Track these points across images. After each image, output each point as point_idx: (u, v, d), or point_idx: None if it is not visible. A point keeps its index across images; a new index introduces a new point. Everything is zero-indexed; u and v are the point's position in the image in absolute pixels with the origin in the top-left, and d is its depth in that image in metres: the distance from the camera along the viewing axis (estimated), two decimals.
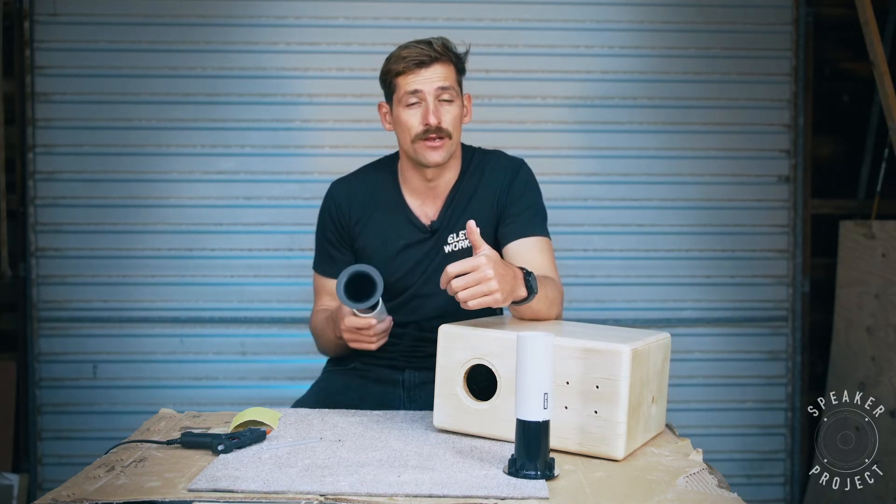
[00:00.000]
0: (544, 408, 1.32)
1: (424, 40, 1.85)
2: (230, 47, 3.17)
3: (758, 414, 3.32)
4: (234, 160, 3.19)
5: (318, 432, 1.58)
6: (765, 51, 3.26)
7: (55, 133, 3.16)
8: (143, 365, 3.18)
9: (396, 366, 1.96)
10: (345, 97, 3.19)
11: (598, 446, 1.42)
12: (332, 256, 1.97)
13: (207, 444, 1.45)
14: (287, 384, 3.15)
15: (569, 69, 3.23)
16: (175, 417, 1.71)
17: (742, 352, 3.30)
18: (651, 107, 3.25)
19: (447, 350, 1.55)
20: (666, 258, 3.27)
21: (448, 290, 1.51)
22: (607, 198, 3.26)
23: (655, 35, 3.25)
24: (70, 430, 3.19)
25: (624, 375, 1.40)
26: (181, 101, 3.17)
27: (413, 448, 1.48)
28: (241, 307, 3.20)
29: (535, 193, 1.94)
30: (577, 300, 3.16)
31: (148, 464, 1.39)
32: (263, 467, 1.36)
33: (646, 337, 1.51)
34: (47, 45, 3.14)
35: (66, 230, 3.17)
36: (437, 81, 1.83)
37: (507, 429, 1.43)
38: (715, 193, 3.27)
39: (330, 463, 1.39)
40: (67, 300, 3.18)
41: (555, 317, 1.74)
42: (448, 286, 1.51)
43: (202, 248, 3.19)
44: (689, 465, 1.42)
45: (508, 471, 1.34)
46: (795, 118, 3.27)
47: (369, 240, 1.92)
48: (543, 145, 3.21)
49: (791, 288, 3.31)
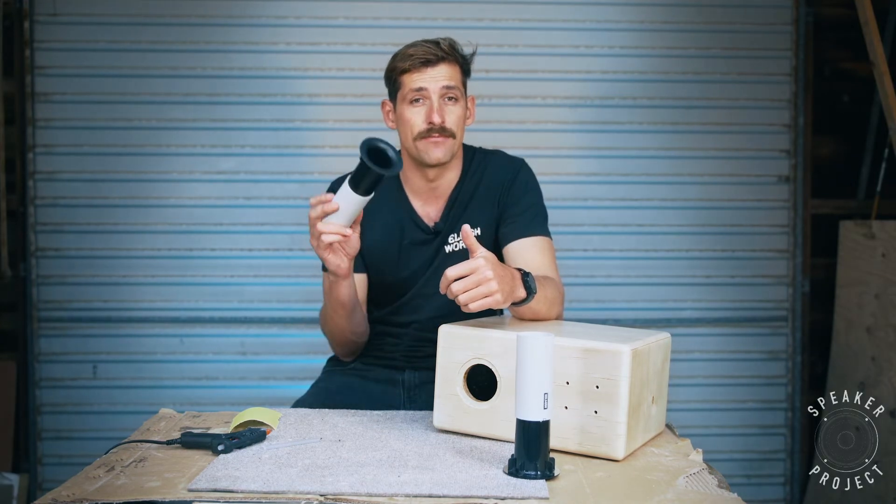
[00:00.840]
0: (544, 408, 1.31)
1: (432, 40, 1.86)
2: (230, 47, 3.17)
3: (758, 414, 3.32)
4: (235, 160, 3.19)
5: (318, 432, 1.58)
6: (765, 51, 3.26)
7: (55, 133, 3.16)
8: (143, 365, 3.18)
9: (396, 366, 1.96)
10: (345, 97, 3.19)
11: (598, 446, 1.42)
12: None
13: (207, 445, 1.45)
14: (287, 384, 3.15)
15: (569, 69, 3.23)
16: (175, 417, 1.71)
17: (742, 352, 3.30)
18: (651, 107, 3.25)
19: (447, 350, 1.55)
20: (666, 258, 3.27)
21: (448, 293, 1.51)
22: (607, 198, 3.25)
23: (655, 35, 3.25)
24: (70, 430, 3.19)
25: (624, 375, 1.40)
26: (181, 101, 3.17)
27: (413, 448, 1.48)
28: (241, 307, 3.20)
29: (536, 193, 1.94)
30: (577, 300, 3.16)
31: (148, 464, 1.38)
32: (263, 467, 1.36)
33: (646, 337, 1.51)
34: (47, 45, 3.14)
35: (66, 230, 3.17)
36: (442, 80, 1.83)
37: (507, 429, 1.43)
38: (715, 193, 3.27)
39: (330, 463, 1.39)
40: (67, 300, 3.18)
41: (555, 317, 1.74)
42: (448, 290, 1.50)
43: (202, 248, 3.19)
44: (689, 465, 1.42)
45: (508, 471, 1.34)
46: (795, 118, 3.27)
47: (373, 240, 1.92)
48: (544, 145, 3.21)
49: (791, 288, 3.31)
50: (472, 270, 1.49)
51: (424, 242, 1.92)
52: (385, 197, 1.93)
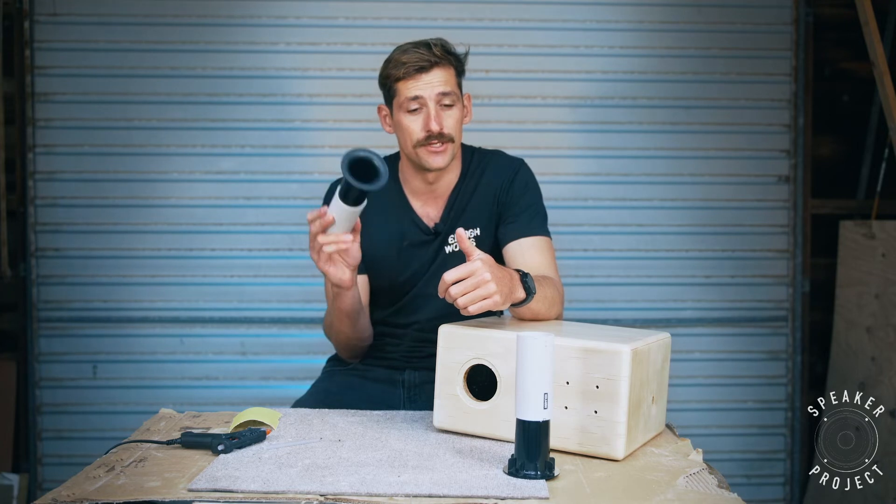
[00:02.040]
0: (544, 408, 1.32)
1: (423, 42, 1.84)
2: (230, 47, 3.17)
3: (758, 414, 3.32)
4: (234, 160, 3.19)
5: (318, 432, 1.58)
6: (765, 51, 3.26)
7: (55, 133, 3.16)
8: (143, 365, 3.18)
9: (396, 366, 1.96)
10: (345, 97, 3.19)
11: (598, 446, 1.42)
12: None
13: (207, 445, 1.45)
14: (287, 384, 3.15)
15: (569, 69, 3.23)
16: (175, 417, 1.71)
17: (742, 352, 3.30)
18: (651, 107, 3.25)
19: (447, 350, 1.55)
20: (666, 258, 3.27)
21: (447, 297, 1.50)
22: (607, 198, 3.25)
23: (655, 35, 3.25)
24: (70, 430, 3.19)
25: (624, 375, 1.40)
26: (181, 101, 3.17)
27: (413, 448, 1.48)
28: (241, 307, 3.20)
29: (535, 193, 1.94)
30: (577, 300, 3.17)
31: (148, 464, 1.38)
32: (263, 467, 1.36)
33: (646, 337, 1.51)
34: (47, 45, 3.14)
35: (66, 230, 3.17)
36: (437, 87, 1.82)
37: (507, 429, 1.43)
38: (715, 193, 3.27)
39: (330, 463, 1.39)
40: (67, 300, 3.18)
41: (555, 317, 1.74)
42: (446, 293, 1.50)
43: (202, 248, 3.19)
44: (689, 465, 1.42)
45: (508, 471, 1.34)
46: (795, 118, 3.27)
47: (373, 241, 1.92)
48: (543, 145, 3.21)
49: (791, 288, 3.31)
50: (470, 273, 1.49)
51: (424, 243, 1.92)
52: (385, 199, 1.93)
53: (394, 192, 1.94)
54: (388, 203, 1.93)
